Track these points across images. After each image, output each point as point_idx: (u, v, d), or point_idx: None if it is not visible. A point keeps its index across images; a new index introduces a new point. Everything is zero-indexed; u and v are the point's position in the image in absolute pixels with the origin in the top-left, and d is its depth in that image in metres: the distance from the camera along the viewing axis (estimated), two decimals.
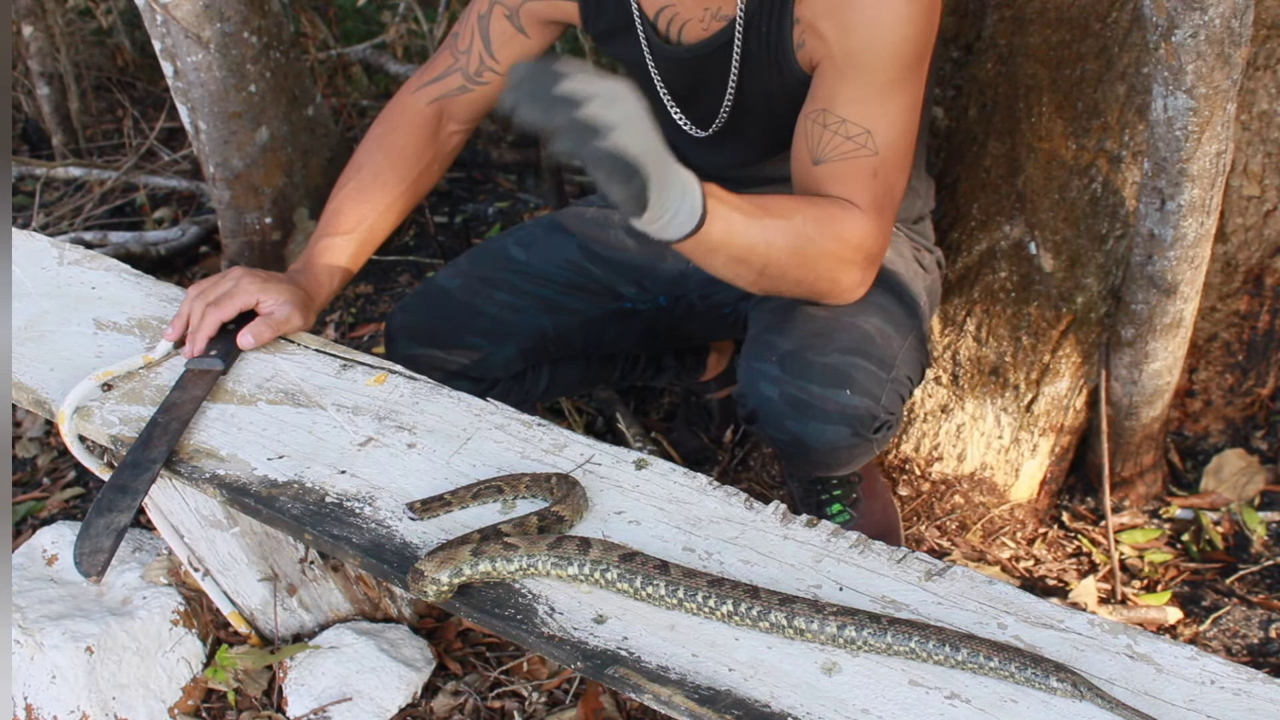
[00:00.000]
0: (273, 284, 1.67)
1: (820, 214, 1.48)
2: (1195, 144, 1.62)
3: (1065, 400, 2.04)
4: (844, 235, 1.49)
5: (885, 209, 1.52)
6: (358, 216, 1.77)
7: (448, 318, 1.90)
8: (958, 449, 2.08)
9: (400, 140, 1.81)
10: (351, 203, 1.77)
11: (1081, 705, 1.06)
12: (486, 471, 1.42)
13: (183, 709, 1.81)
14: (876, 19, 1.44)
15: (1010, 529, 2.05)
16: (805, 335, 1.56)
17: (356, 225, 1.77)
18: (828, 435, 1.56)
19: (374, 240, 1.80)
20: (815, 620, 1.14)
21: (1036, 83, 1.94)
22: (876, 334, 1.58)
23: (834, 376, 1.54)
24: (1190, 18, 1.49)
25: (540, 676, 1.81)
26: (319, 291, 1.73)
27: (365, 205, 1.77)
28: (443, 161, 1.87)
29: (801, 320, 1.58)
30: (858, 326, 1.57)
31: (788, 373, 1.55)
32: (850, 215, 1.49)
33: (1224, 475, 2.07)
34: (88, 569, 1.37)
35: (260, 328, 1.64)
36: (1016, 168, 1.99)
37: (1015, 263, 2.01)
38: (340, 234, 1.76)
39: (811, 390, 1.54)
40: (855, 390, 1.54)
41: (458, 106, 1.84)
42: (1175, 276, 1.79)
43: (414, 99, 1.84)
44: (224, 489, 1.43)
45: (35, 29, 3.72)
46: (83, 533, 1.39)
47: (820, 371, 1.54)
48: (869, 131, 1.48)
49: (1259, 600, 1.88)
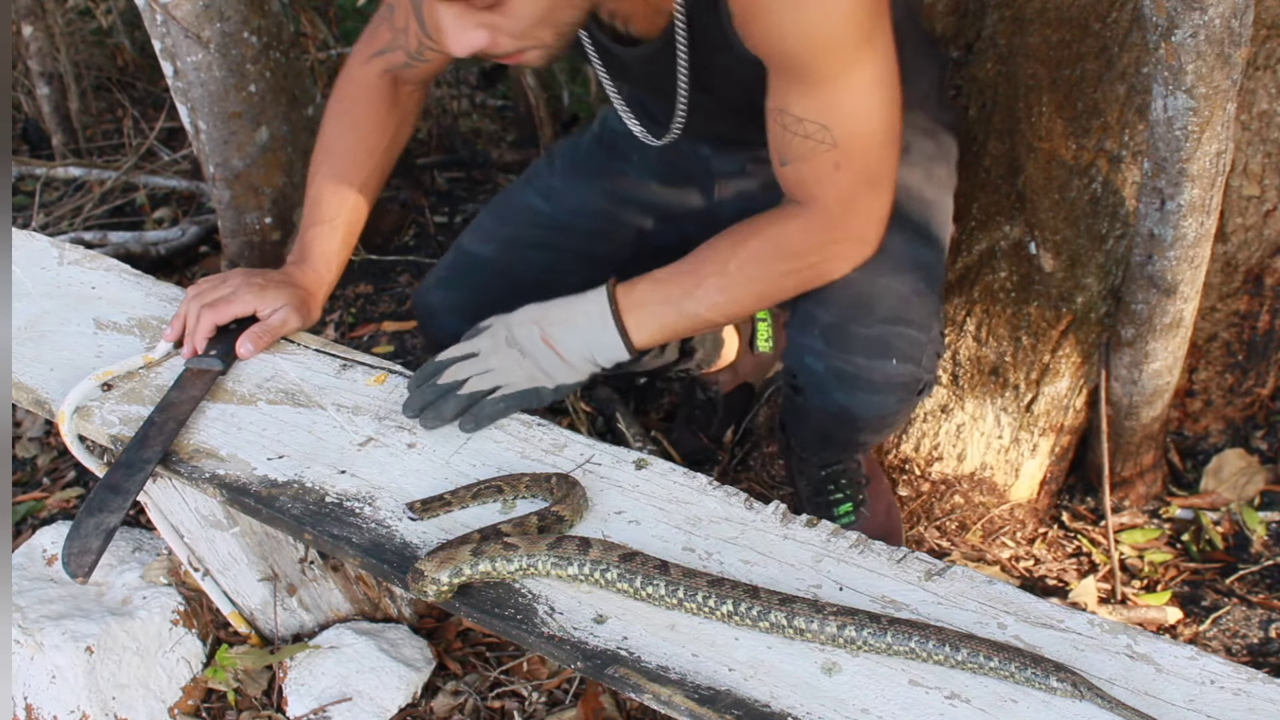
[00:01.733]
0: (270, 290, 1.67)
1: (758, 246, 1.49)
2: (1195, 144, 1.62)
3: (1065, 400, 2.04)
4: (792, 251, 1.49)
5: (858, 195, 1.48)
6: (339, 200, 1.76)
7: (488, 287, 1.88)
8: (958, 449, 2.08)
9: (362, 115, 1.79)
10: (331, 187, 1.77)
11: (1081, 705, 1.06)
12: (486, 471, 1.42)
13: (183, 709, 1.81)
14: (800, 18, 1.38)
15: (1010, 529, 2.05)
16: (846, 306, 1.58)
17: (340, 208, 1.76)
18: (875, 405, 1.60)
19: (361, 218, 1.79)
20: (815, 620, 1.14)
21: (1036, 83, 1.94)
22: (914, 295, 1.59)
23: (878, 347, 1.56)
24: (1190, 18, 1.49)
25: (540, 676, 1.81)
26: (318, 285, 1.74)
27: (345, 187, 1.76)
28: (408, 122, 1.84)
29: (840, 287, 1.58)
30: (896, 290, 1.58)
31: (832, 346, 1.58)
32: (793, 226, 1.49)
33: (1224, 475, 2.07)
34: (75, 569, 1.36)
35: (259, 333, 1.65)
36: (1016, 168, 1.99)
37: (1015, 263, 2.01)
38: (327, 221, 1.76)
39: (857, 362, 1.57)
40: (899, 358, 1.57)
41: (408, 74, 1.81)
42: (1175, 276, 1.79)
43: (364, 72, 1.80)
44: (224, 489, 1.43)
45: (35, 29, 3.72)
46: (72, 532, 1.39)
47: (864, 343, 1.56)
48: (825, 126, 1.44)
49: (1259, 600, 1.88)
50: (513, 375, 1.49)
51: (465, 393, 1.48)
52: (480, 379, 1.49)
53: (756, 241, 1.50)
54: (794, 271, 1.51)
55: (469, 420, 1.48)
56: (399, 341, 2.77)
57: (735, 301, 1.50)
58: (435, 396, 1.48)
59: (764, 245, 1.49)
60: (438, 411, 1.47)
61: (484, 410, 1.48)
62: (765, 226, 1.50)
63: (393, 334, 2.80)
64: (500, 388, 1.49)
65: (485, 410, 1.48)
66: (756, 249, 1.49)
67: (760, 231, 1.50)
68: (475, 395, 1.48)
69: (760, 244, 1.49)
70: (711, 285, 1.49)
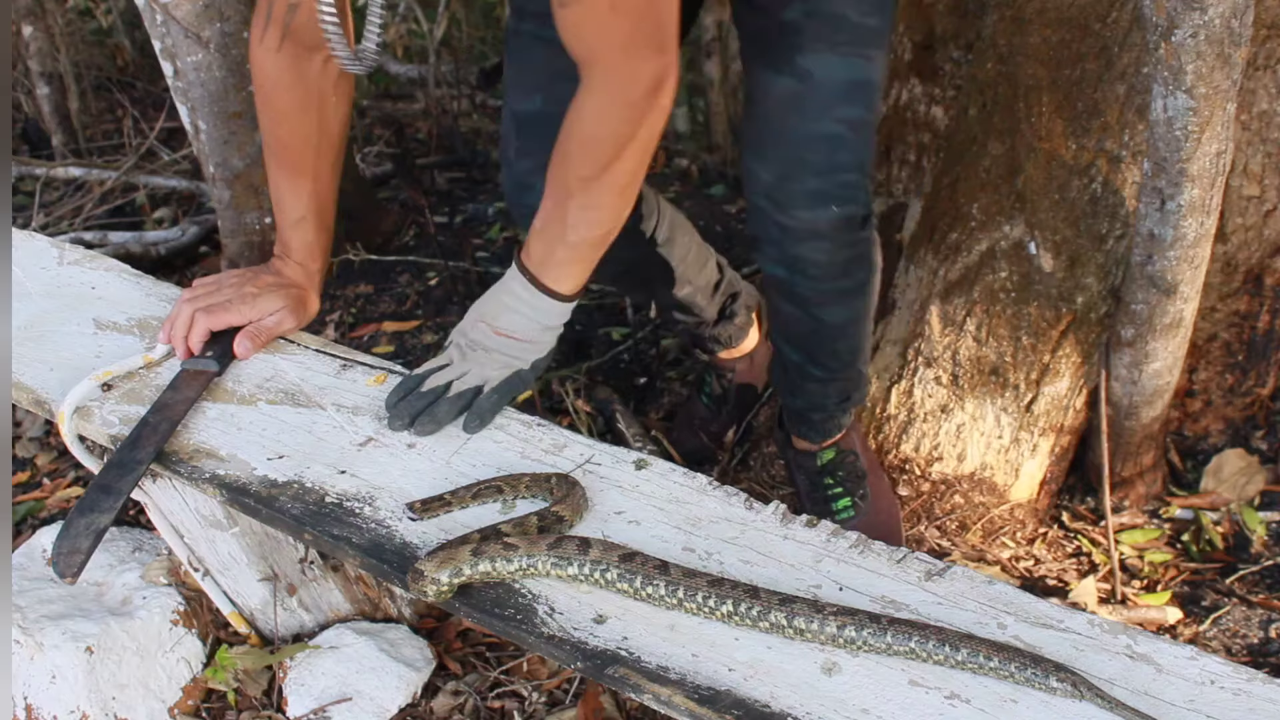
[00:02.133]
0: (264, 297, 1.69)
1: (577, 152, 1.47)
2: (1195, 144, 1.62)
3: (1065, 400, 2.04)
4: (602, 140, 1.46)
5: (638, 48, 1.44)
6: (296, 195, 1.75)
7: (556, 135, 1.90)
8: (958, 449, 2.08)
9: (283, 103, 1.75)
10: (285, 185, 1.76)
11: (1081, 705, 1.06)
12: (486, 471, 1.42)
13: (183, 709, 1.81)
14: None
15: (1010, 529, 2.05)
16: (782, 162, 1.66)
17: (301, 204, 1.75)
18: (824, 250, 1.70)
19: (327, 203, 1.78)
20: (815, 620, 1.14)
21: (1036, 83, 1.94)
22: (849, 132, 1.64)
23: (818, 199, 1.65)
24: (1190, 18, 1.49)
25: (540, 676, 1.81)
26: (308, 279, 1.74)
27: (298, 180, 1.75)
28: (333, 95, 1.78)
29: (774, 138, 1.66)
30: (828, 134, 1.64)
31: (776, 205, 1.67)
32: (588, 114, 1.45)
33: (1224, 475, 2.07)
34: (64, 569, 1.35)
35: (255, 332, 1.66)
36: (1016, 168, 1.99)
37: (1015, 263, 2.01)
38: (295, 219, 1.75)
39: (800, 216, 1.66)
40: (839, 204, 1.66)
41: (306, 32, 1.74)
42: (1175, 276, 1.79)
43: (264, 53, 1.75)
44: (224, 489, 1.43)
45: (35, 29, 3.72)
46: (62, 532, 1.38)
47: (804, 198, 1.66)
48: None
49: (1259, 600, 1.88)
50: (489, 371, 1.53)
51: (455, 393, 1.51)
52: (461, 381, 1.52)
53: (573, 147, 1.48)
54: (621, 157, 1.48)
55: (472, 418, 1.50)
56: (399, 341, 2.77)
57: (601, 207, 1.50)
58: (425, 404, 1.51)
59: (580, 149, 1.48)
60: (432, 415, 1.49)
61: (482, 405, 1.51)
62: (572, 127, 1.48)
63: (393, 334, 2.80)
64: (485, 384, 1.52)
65: (483, 405, 1.51)
66: (578, 157, 1.48)
67: (570, 135, 1.48)
68: (465, 394, 1.51)
69: (577, 149, 1.48)
70: (573, 210, 1.49)
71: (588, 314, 2.76)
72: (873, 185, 1.78)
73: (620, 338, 2.66)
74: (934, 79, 2.34)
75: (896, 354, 2.12)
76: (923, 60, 2.37)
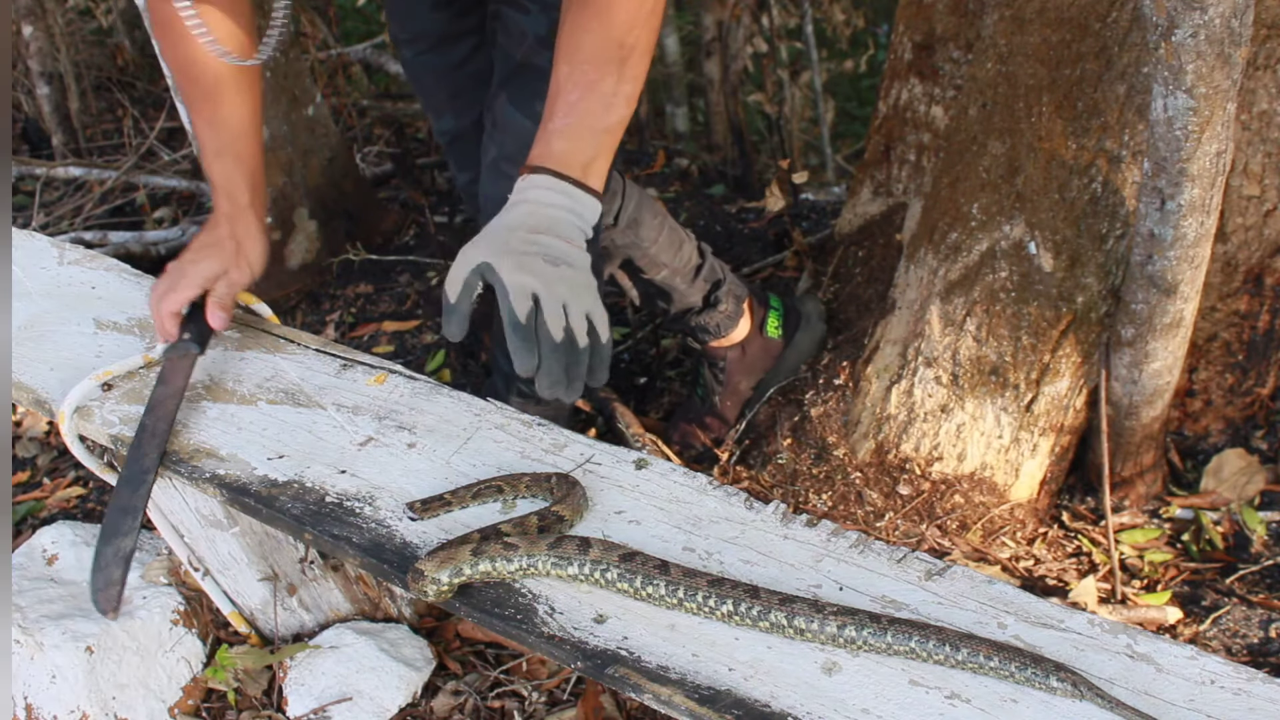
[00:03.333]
0: (201, 262, 1.68)
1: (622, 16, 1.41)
2: (1195, 144, 1.62)
3: (1065, 400, 2.04)
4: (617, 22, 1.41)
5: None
6: (208, 123, 1.73)
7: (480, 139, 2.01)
8: (958, 449, 2.08)
9: (187, 50, 1.71)
10: (196, 115, 1.74)
11: (1081, 705, 1.06)
12: (486, 471, 1.42)
13: (183, 709, 1.81)
14: None
15: (1010, 529, 2.05)
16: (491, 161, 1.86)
17: (212, 130, 1.72)
18: None
19: (247, 130, 1.75)
20: (815, 620, 1.14)
21: (1036, 83, 1.94)
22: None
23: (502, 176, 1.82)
24: (1190, 17, 1.49)
25: (540, 676, 1.81)
26: (237, 218, 1.72)
27: (205, 107, 1.72)
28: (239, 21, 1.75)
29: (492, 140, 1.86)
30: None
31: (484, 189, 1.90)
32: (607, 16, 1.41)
33: (1224, 475, 2.07)
34: (104, 606, 1.39)
35: (214, 304, 1.66)
36: (1016, 168, 1.99)
37: (1015, 263, 2.01)
38: (213, 148, 1.73)
39: None
40: None
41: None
42: (1175, 276, 1.79)
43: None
44: (224, 489, 1.43)
45: (35, 29, 3.72)
46: (95, 567, 1.42)
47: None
48: None
49: (1259, 600, 1.88)
50: (578, 288, 1.36)
51: (580, 329, 1.34)
52: (573, 313, 1.34)
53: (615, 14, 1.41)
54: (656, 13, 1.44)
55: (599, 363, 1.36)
56: (399, 341, 2.77)
57: (639, 78, 1.45)
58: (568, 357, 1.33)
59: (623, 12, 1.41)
60: (592, 364, 1.35)
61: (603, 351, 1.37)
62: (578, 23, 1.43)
63: (393, 334, 2.80)
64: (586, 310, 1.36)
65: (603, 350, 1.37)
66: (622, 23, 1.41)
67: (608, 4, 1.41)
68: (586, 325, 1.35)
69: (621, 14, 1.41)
70: (609, 88, 1.42)
71: None
72: None
73: (620, 337, 2.66)
74: (934, 79, 2.34)
75: (896, 354, 2.12)
76: (923, 60, 2.37)
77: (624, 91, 1.43)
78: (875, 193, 2.47)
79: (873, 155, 2.48)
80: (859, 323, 2.30)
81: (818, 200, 3.27)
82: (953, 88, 2.15)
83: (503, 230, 1.37)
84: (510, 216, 1.39)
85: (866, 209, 2.48)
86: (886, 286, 2.22)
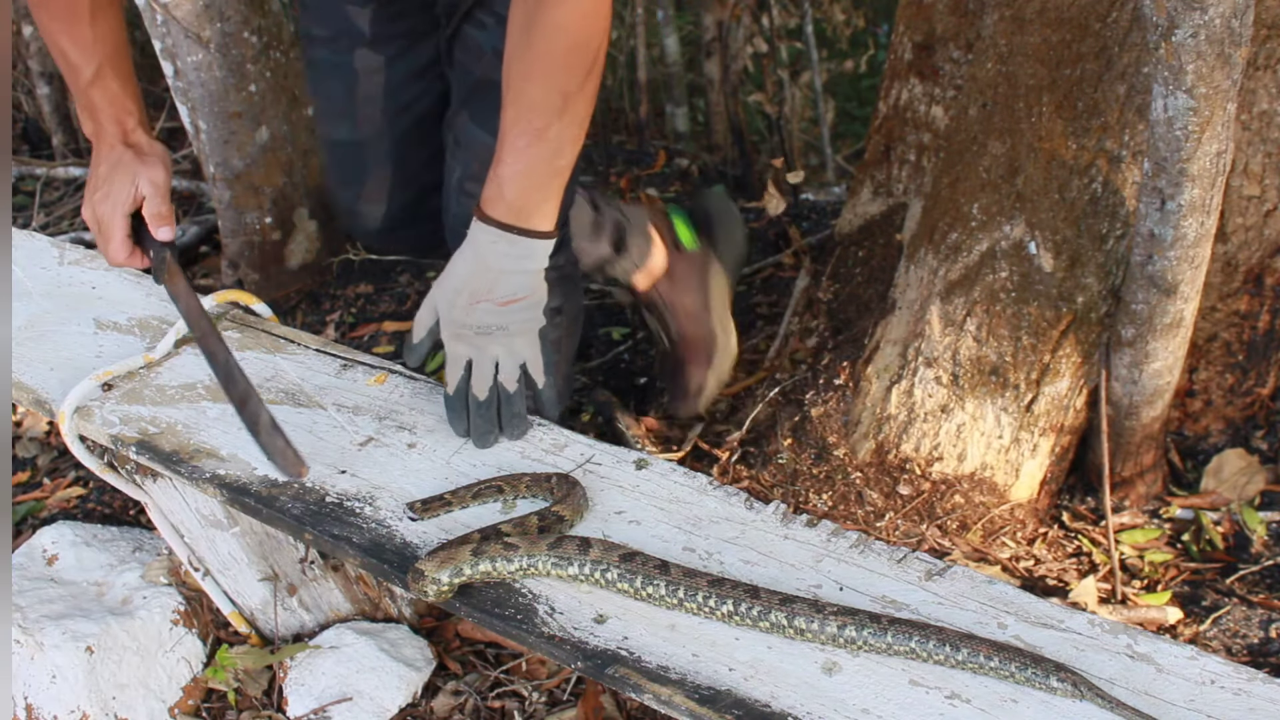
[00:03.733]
0: (115, 191, 1.65)
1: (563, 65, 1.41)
2: (1195, 144, 1.62)
3: (1065, 400, 2.04)
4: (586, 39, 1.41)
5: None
6: (80, 45, 1.68)
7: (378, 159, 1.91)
8: (958, 449, 2.08)
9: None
10: (67, 39, 1.69)
11: (1081, 705, 1.06)
12: (486, 471, 1.42)
13: (183, 709, 1.81)
14: None
15: (1010, 529, 2.05)
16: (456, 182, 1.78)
17: (86, 52, 1.68)
18: None
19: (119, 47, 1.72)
20: (815, 620, 1.14)
21: (1036, 83, 1.94)
22: None
23: None
24: (1190, 17, 1.49)
25: (540, 676, 1.81)
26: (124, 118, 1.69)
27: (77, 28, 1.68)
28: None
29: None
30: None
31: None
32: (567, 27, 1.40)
33: (1224, 475, 2.07)
34: (294, 471, 1.42)
35: (152, 217, 1.65)
36: (1016, 168, 1.99)
37: (1015, 263, 2.01)
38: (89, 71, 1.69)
39: None
40: None
41: None
42: (1175, 276, 1.79)
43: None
44: (224, 489, 1.43)
45: (35, 29, 3.72)
46: (266, 447, 1.45)
47: None
48: None
49: (1259, 600, 1.88)
50: (516, 344, 1.47)
51: (511, 387, 1.47)
52: (503, 372, 1.47)
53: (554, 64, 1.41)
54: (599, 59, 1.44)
55: (548, 404, 1.51)
56: (399, 341, 2.77)
57: (584, 120, 1.45)
58: (496, 413, 1.47)
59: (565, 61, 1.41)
60: (512, 417, 1.48)
61: (546, 391, 1.50)
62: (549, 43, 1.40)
63: (393, 334, 2.80)
64: (522, 360, 1.47)
65: (547, 390, 1.50)
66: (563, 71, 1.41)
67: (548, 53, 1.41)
68: (517, 379, 1.47)
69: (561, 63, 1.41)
70: (555, 132, 1.42)
71: (588, 314, 2.76)
72: None
73: (620, 337, 2.66)
74: (934, 79, 2.34)
75: (896, 354, 2.12)
76: (923, 60, 2.37)
77: (570, 134, 1.44)
78: (875, 193, 2.47)
79: (873, 155, 2.48)
80: (859, 323, 2.30)
81: (818, 200, 3.26)
82: (953, 88, 2.15)
83: (450, 292, 1.45)
84: (458, 272, 1.45)
85: (866, 209, 2.48)
86: (886, 286, 2.22)
